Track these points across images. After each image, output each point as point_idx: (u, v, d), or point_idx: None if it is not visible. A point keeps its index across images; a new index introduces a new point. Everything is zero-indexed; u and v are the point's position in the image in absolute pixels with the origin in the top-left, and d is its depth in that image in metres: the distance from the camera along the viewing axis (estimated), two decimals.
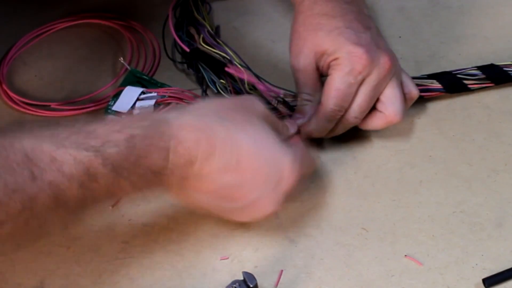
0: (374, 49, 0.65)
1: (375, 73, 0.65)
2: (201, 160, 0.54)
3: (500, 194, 0.66)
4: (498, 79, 0.74)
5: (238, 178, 0.56)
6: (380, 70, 0.65)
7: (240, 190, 0.57)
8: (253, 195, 0.57)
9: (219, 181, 0.56)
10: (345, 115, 0.67)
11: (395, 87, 0.67)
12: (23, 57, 0.84)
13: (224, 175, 0.55)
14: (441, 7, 0.86)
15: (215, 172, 0.55)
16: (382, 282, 0.61)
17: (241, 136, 0.56)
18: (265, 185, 0.57)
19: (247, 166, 0.56)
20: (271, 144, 0.57)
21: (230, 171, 0.55)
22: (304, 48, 0.67)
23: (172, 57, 0.81)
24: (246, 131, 0.56)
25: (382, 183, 0.68)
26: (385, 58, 0.65)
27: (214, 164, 0.55)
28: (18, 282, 0.63)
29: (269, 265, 0.62)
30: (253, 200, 0.57)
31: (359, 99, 0.66)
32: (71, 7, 0.89)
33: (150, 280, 0.62)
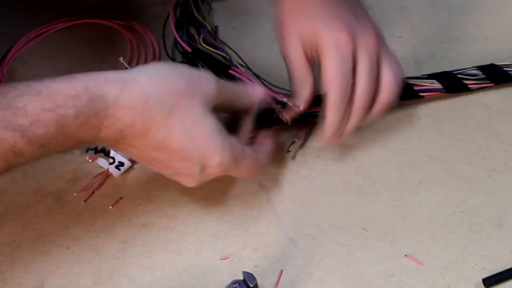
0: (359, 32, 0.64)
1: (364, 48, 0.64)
2: (132, 137, 0.56)
3: (500, 194, 0.66)
4: (498, 79, 0.74)
5: (164, 157, 0.58)
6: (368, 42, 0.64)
7: (163, 164, 0.59)
8: (172, 171, 0.60)
9: (146, 152, 0.58)
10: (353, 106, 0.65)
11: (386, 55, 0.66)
12: (23, 57, 0.84)
13: (152, 151, 0.57)
14: (441, 7, 0.86)
15: (145, 146, 0.57)
16: (382, 282, 0.61)
17: (177, 124, 0.56)
18: (187, 169, 0.59)
19: (175, 151, 0.57)
20: (205, 137, 0.57)
21: (158, 150, 0.57)
22: (290, 36, 0.66)
23: (172, 57, 0.81)
24: (183, 121, 0.57)
25: (382, 183, 0.68)
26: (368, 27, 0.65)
27: (145, 142, 0.56)
28: (18, 282, 0.63)
29: (269, 265, 0.62)
30: (175, 175, 0.60)
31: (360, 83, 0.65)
32: (71, 7, 0.89)
33: (150, 280, 0.62)
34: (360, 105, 0.65)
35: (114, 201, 0.68)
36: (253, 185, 0.68)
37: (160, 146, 0.57)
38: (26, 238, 0.66)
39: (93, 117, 0.53)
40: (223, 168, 0.59)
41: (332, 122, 0.65)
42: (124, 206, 0.68)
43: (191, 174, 0.59)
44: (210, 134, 0.58)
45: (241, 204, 0.67)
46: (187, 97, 0.57)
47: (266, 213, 0.66)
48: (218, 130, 0.58)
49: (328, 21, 0.64)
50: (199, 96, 0.58)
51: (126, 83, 0.55)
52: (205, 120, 0.58)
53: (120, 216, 0.67)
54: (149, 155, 0.58)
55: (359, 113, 0.66)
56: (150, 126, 0.56)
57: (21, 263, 0.64)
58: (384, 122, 0.72)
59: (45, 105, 0.52)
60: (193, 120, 0.57)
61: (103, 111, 0.54)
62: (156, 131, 0.56)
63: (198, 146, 0.57)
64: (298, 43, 0.66)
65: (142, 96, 0.55)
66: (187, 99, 0.57)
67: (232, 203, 0.67)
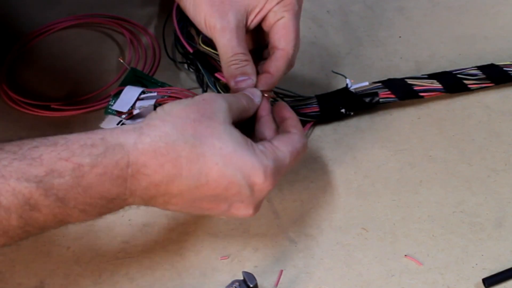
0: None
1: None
2: (167, 182, 0.52)
3: (500, 194, 0.66)
4: (498, 79, 0.74)
5: (209, 193, 0.54)
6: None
7: (212, 203, 0.55)
8: (225, 205, 0.55)
9: (190, 197, 0.54)
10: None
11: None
12: (23, 57, 0.84)
13: (194, 191, 0.54)
14: (441, 7, 0.86)
15: (185, 190, 0.53)
16: (382, 282, 0.61)
17: (206, 151, 0.53)
18: (238, 196, 0.55)
19: (217, 182, 0.53)
20: (239, 154, 0.54)
21: (200, 188, 0.53)
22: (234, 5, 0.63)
23: (172, 57, 0.81)
24: (211, 145, 0.53)
25: (382, 183, 0.68)
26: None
27: (183, 184, 0.53)
28: (18, 282, 0.63)
29: (269, 265, 0.62)
30: (227, 209, 0.56)
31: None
32: (71, 7, 0.89)
33: (150, 280, 0.62)
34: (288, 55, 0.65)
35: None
36: None
37: (199, 182, 0.53)
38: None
39: (114, 167, 0.51)
40: (270, 176, 0.55)
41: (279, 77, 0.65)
42: None
43: (243, 200, 0.55)
44: (241, 150, 0.54)
45: None
46: (205, 122, 0.54)
47: (266, 213, 0.66)
48: (244, 143, 0.55)
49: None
50: (215, 117, 0.55)
51: (142, 129, 0.53)
52: (230, 137, 0.54)
53: (120, 216, 0.67)
54: (194, 198, 0.54)
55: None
56: (181, 164, 0.52)
57: (21, 263, 0.64)
58: (384, 122, 0.72)
59: (61, 155, 0.50)
60: (219, 142, 0.54)
61: (123, 159, 0.51)
62: (189, 167, 0.53)
63: (236, 165, 0.53)
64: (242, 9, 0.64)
65: (162, 136, 0.52)
66: (205, 123, 0.54)
67: None
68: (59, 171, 0.49)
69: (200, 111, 0.55)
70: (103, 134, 0.52)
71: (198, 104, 0.56)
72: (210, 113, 0.55)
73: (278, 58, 0.64)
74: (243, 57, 0.63)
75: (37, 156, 0.50)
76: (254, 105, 0.62)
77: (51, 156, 0.50)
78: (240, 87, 0.63)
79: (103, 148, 0.51)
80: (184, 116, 0.54)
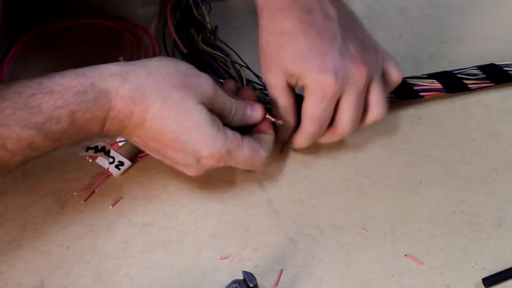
0: (343, 67, 0.62)
1: (351, 89, 0.63)
2: (131, 127, 0.60)
3: (500, 194, 0.66)
4: (498, 78, 0.74)
5: (161, 147, 0.61)
6: (357, 84, 0.63)
7: (162, 154, 0.62)
8: (172, 161, 0.62)
9: (145, 141, 0.61)
10: (337, 130, 0.66)
11: (376, 89, 0.65)
12: (23, 57, 0.84)
13: (150, 140, 0.61)
14: (441, 7, 0.86)
15: (143, 137, 0.61)
16: (382, 281, 0.61)
17: (170, 116, 0.59)
18: (184, 160, 0.61)
19: (169, 142, 0.60)
20: (199, 130, 0.60)
21: (154, 140, 0.61)
22: (272, 67, 0.65)
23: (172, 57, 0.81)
24: (176, 113, 0.59)
25: (382, 182, 0.68)
26: (358, 70, 0.63)
27: (143, 132, 0.60)
28: (18, 282, 0.63)
29: (269, 264, 0.62)
30: (173, 164, 0.63)
31: (345, 118, 0.65)
32: (70, 8, 0.89)
33: (150, 279, 0.62)
34: (338, 135, 0.66)
35: (114, 201, 0.68)
36: (253, 184, 0.68)
37: (155, 136, 0.60)
38: (26, 238, 0.66)
39: (99, 111, 0.58)
40: (216, 159, 0.61)
41: (301, 145, 0.67)
42: (124, 206, 0.68)
43: (188, 164, 0.62)
44: (202, 127, 0.60)
45: (241, 204, 0.67)
46: (182, 91, 0.60)
47: (266, 213, 0.66)
48: (210, 122, 0.60)
49: (311, 60, 0.62)
50: (194, 92, 0.60)
51: (127, 75, 0.59)
52: (198, 113, 0.60)
53: (120, 216, 0.67)
54: (149, 144, 0.61)
55: (335, 139, 0.67)
56: (146, 117, 0.59)
57: (21, 263, 0.64)
58: (384, 122, 0.72)
59: (57, 103, 0.56)
60: (185, 113, 0.59)
61: (107, 104, 0.58)
62: (151, 122, 0.59)
63: (190, 138, 0.60)
64: (280, 73, 0.65)
65: (139, 87, 0.59)
66: (181, 92, 0.60)
67: (232, 203, 0.67)
68: (56, 118, 0.56)
69: (184, 81, 0.60)
70: (93, 79, 0.58)
71: (187, 75, 0.61)
72: (191, 87, 0.60)
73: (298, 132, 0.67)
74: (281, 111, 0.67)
75: (36, 105, 0.56)
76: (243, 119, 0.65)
77: (49, 104, 0.56)
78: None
79: (92, 95, 0.58)
80: (167, 79, 0.60)
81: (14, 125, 0.55)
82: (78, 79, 0.58)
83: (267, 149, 0.65)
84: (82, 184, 0.69)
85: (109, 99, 0.58)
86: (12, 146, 0.56)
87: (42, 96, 0.56)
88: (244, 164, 0.63)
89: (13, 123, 0.55)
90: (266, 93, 0.72)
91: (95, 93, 0.58)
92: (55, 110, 0.56)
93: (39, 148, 0.57)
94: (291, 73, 0.64)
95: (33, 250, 0.65)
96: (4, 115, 0.55)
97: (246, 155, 0.63)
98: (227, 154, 0.61)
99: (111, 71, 0.59)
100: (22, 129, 0.55)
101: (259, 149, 0.64)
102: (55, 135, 0.57)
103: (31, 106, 0.56)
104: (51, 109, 0.56)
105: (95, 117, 0.58)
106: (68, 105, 0.57)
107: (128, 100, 0.59)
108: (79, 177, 0.70)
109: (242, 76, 0.72)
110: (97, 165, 0.70)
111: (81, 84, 0.58)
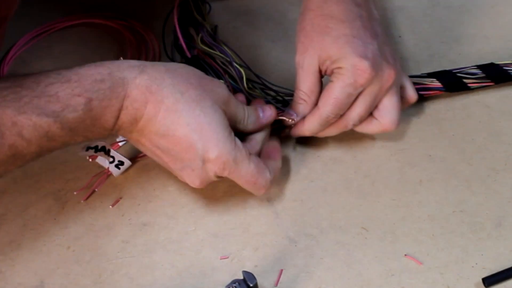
0: (379, 61, 0.64)
1: (376, 85, 0.65)
2: (144, 120, 0.59)
3: (500, 194, 0.66)
4: (498, 78, 0.74)
5: (169, 146, 0.60)
6: (383, 83, 0.65)
7: (170, 156, 0.61)
8: (179, 165, 0.61)
9: (154, 142, 0.60)
10: (342, 121, 0.67)
11: (394, 96, 0.66)
12: (23, 57, 0.84)
13: (159, 138, 0.60)
14: (441, 7, 0.86)
15: (153, 133, 0.60)
16: (382, 281, 0.61)
17: (185, 111, 0.59)
18: (192, 162, 0.60)
19: (180, 139, 0.59)
20: (212, 128, 0.59)
21: (164, 138, 0.60)
22: (310, 48, 0.66)
23: (172, 57, 0.81)
24: (192, 109, 0.59)
25: (382, 182, 0.68)
26: (389, 71, 0.65)
27: (154, 127, 0.59)
28: (18, 282, 0.63)
29: (269, 264, 0.62)
30: (180, 169, 0.61)
31: (358, 109, 0.66)
32: (71, 7, 0.89)
33: (150, 279, 0.62)
34: (345, 127, 0.67)
35: (114, 200, 0.68)
36: None
37: (167, 132, 0.59)
38: (26, 238, 0.66)
39: (115, 99, 0.58)
40: (221, 164, 0.60)
41: (310, 129, 0.67)
42: (124, 206, 0.68)
43: (195, 168, 0.60)
44: (215, 125, 0.59)
45: (241, 204, 0.67)
46: (199, 90, 0.60)
47: (266, 212, 0.66)
48: (224, 125, 0.60)
49: (353, 44, 0.64)
50: (210, 93, 0.61)
51: (146, 67, 0.60)
52: (213, 112, 0.60)
53: (120, 215, 0.67)
54: (158, 145, 0.60)
55: (342, 130, 0.68)
56: (160, 108, 0.59)
57: (21, 263, 0.64)
58: None
59: (75, 91, 0.56)
60: (201, 110, 0.59)
61: (122, 92, 0.58)
62: (165, 115, 0.59)
63: (201, 135, 0.59)
64: (315, 55, 0.66)
65: (157, 78, 0.59)
66: (198, 91, 0.60)
67: (232, 203, 0.67)
68: (73, 106, 0.56)
69: (201, 82, 0.61)
70: (111, 68, 0.59)
71: (203, 77, 0.62)
72: (207, 88, 0.61)
73: (313, 114, 0.67)
74: (302, 95, 0.67)
75: (54, 93, 0.56)
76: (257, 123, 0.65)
77: (66, 92, 0.56)
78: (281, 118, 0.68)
79: (110, 83, 0.58)
80: (185, 77, 0.61)
81: (31, 112, 0.55)
82: (96, 69, 0.58)
83: (272, 174, 0.64)
84: (82, 183, 0.69)
85: (125, 87, 0.58)
86: (28, 135, 0.55)
87: (60, 85, 0.56)
88: (247, 179, 0.62)
89: (30, 111, 0.55)
90: (267, 93, 0.72)
91: (112, 82, 0.58)
92: (72, 97, 0.56)
93: (55, 138, 0.56)
94: (328, 56, 0.65)
95: (33, 250, 0.65)
96: (21, 102, 0.55)
97: (251, 170, 0.62)
98: (233, 162, 0.60)
99: (130, 63, 0.60)
100: (39, 116, 0.55)
101: (265, 170, 0.63)
102: (72, 124, 0.56)
103: (49, 94, 0.56)
104: (68, 96, 0.56)
105: (111, 105, 0.58)
106: (85, 93, 0.56)
107: (145, 89, 0.58)
108: (79, 177, 0.70)
109: (242, 76, 0.72)
110: (97, 165, 0.70)
111: (99, 73, 0.58)
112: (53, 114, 0.55)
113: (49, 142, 0.56)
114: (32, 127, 0.55)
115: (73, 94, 0.56)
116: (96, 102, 0.57)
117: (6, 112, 0.54)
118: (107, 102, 0.57)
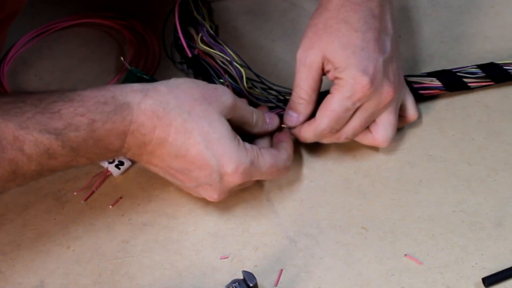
0: (380, 78, 0.64)
1: (374, 101, 0.65)
2: (154, 144, 0.59)
3: (500, 194, 0.66)
4: (498, 77, 0.74)
5: (185, 166, 0.60)
6: (381, 100, 0.65)
7: (185, 175, 0.61)
8: (195, 182, 0.61)
9: (167, 163, 0.61)
10: (336, 133, 0.66)
11: (391, 113, 0.67)
12: (23, 57, 0.84)
13: (172, 159, 0.60)
14: (441, 6, 0.86)
15: (166, 155, 0.60)
16: (381, 281, 0.61)
17: (195, 129, 0.59)
18: (208, 178, 0.61)
19: (194, 158, 0.60)
20: (222, 143, 0.60)
21: (178, 159, 0.60)
22: (316, 46, 0.65)
23: (172, 57, 0.81)
24: (201, 126, 0.59)
25: (382, 182, 0.68)
26: (388, 88, 0.65)
27: (166, 149, 0.59)
28: (18, 281, 0.63)
29: (269, 264, 0.62)
30: (196, 186, 0.62)
31: (353, 123, 0.66)
32: (71, 7, 0.89)
33: (150, 279, 0.62)
34: (337, 139, 0.67)
35: (114, 200, 0.68)
36: (253, 184, 0.68)
37: (179, 153, 0.59)
38: (26, 238, 0.66)
39: (120, 123, 0.58)
40: (240, 173, 0.60)
41: (304, 138, 0.67)
42: (124, 206, 0.68)
43: (212, 184, 0.61)
44: (225, 139, 0.60)
45: (241, 204, 0.67)
46: (204, 105, 0.60)
47: (266, 212, 0.66)
48: (232, 136, 0.61)
49: (359, 57, 0.64)
50: (215, 105, 0.61)
51: (149, 91, 0.59)
52: (221, 125, 0.60)
53: (120, 215, 0.67)
54: (171, 165, 0.61)
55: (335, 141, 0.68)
56: (169, 132, 0.59)
57: (21, 263, 0.64)
58: None
59: (78, 110, 0.57)
60: (209, 125, 0.60)
61: (128, 116, 0.58)
62: (175, 137, 0.59)
63: (214, 151, 0.60)
64: (320, 55, 0.65)
65: (162, 102, 0.59)
66: (204, 106, 0.60)
67: (232, 202, 0.67)
68: (76, 125, 0.56)
69: (205, 95, 0.61)
70: (114, 92, 0.59)
71: (206, 89, 0.62)
72: (212, 99, 0.61)
73: (309, 124, 0.67)
74: (302, 94, 0.67)
75: (57, 111, 0.56)
76: (264, 126, 0.66)
77: (69, 111, 0.56)
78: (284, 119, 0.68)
79: (113, 106, 0.58)
80: (189, 93, 0.61)
81: (33, 128, 0.55)
82: (99, 91, 0.58)
83: (286, 152, 0.65)
84: (82, 184, 0.69)
85: (131, 112, 0.58)
86: (29, 150, 0.55)
87: (63, 104, 0.56)
88: (269, 171, 0.63)
89: (32, 126, 0.55)
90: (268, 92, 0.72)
91: (115, 105, 0.58)
92: (75, 117, 0.56)
93: (56, 156, 0.56)
94: (333, 60, 0.64)
95: (33, 250, 0.65)
96: (24, 117, 0.55)
97: (268, 161, 0.63)
98: (250, 165, 0.61)
99: (132, 88, 0.60)
100: (41, 132, 0.55)
101: (279, 153, 0.64)
102: (73, 143, 0.56)
103: (52, 111, 0.56)
104: (71, 115, 0.56)
105: (115, 128, 0.58)
106: (88, 113, 0.57)
107: (151, 114, 0.58)
108: (79, 177, 0.70)
109: (242, 76, 0.72)
110: (97, 165, 0.70)
111: (102, 96, 0.58)
112: (55, 131, 0.55)
113: (49, 160, 0.56)
114: (33, 142, 0.55)
115: (76, 114, 0.56)
116: (99, 123, 0.57)
117: (8, 126, 0.54)
118: (111, 125, 0.57)
